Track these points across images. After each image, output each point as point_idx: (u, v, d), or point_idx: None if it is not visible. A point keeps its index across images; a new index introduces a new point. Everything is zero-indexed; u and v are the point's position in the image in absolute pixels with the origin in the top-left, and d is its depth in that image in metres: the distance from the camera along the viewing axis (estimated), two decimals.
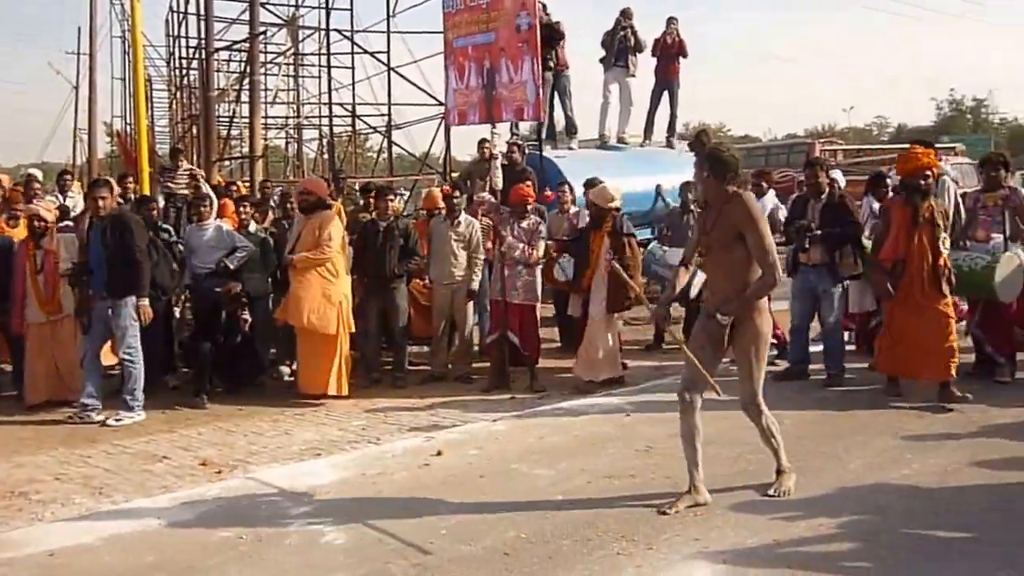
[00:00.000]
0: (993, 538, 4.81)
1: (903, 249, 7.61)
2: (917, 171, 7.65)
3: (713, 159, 5.37)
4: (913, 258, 7.57)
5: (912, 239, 7.57)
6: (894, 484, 5.74)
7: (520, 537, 4.97)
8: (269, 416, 7.96)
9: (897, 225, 7.65)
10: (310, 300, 8.39)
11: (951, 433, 6.81)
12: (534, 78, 8.67)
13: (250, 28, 15.78)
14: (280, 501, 5.70)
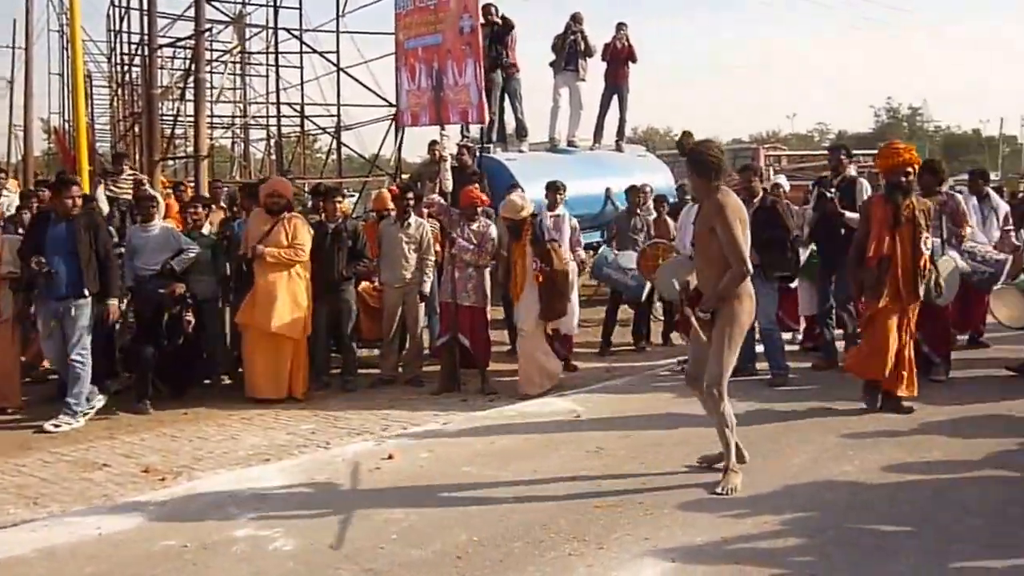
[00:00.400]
0: (932, 532, 4.91)
1: (887, 248, 7.33)
2: (897, 167, 7.44)
3: (693, 161, 5.68)
4: (895, 258, 7.32)
5: (894, 238, 7.34)
6: (837, 480, 5.83)
7: (472, 540, 4.95)
8: (215, 420, 7.84)
9: (879, 224, 7.38)
10: (279, 304, 8.40)
11: (890, 430, 6.94)
12: (477, 80, 8.68)
13: (195, 25, 15.57)
14: (226, 508, 5.58)
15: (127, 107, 24.20)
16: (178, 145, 23.39)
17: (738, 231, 5.51)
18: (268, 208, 8.72)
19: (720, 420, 5.72)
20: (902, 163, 7.43)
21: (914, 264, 7.31)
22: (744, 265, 5.51)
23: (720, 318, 5.66)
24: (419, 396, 8.72)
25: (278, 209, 8.65)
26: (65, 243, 7.68)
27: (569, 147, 14.24)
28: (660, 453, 6.34)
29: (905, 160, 7.45)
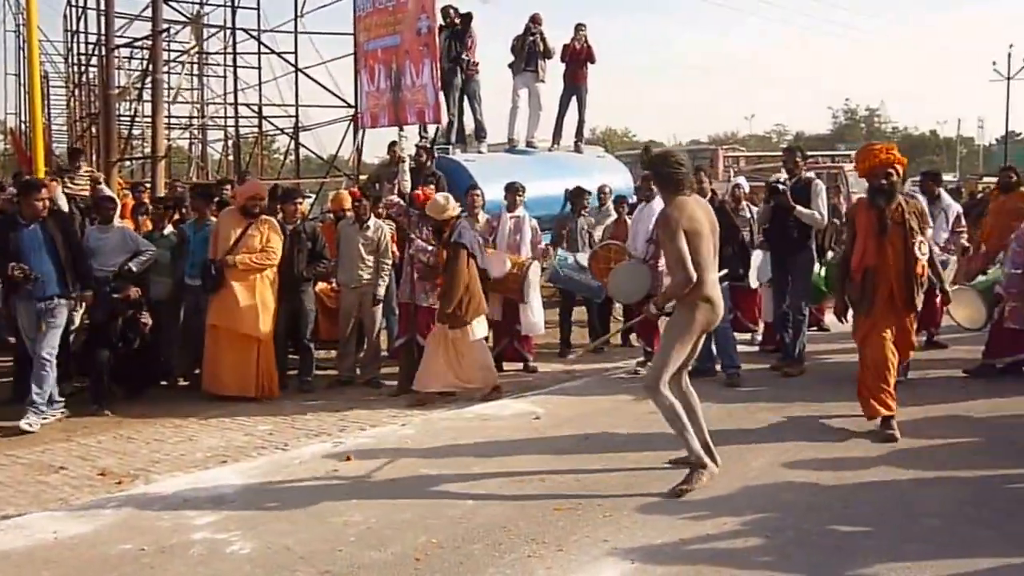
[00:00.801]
0: (890, 532, 4.96)
1: (872, 258, 6.81)
2: (877, 169, 6.90)
3: (656, 175, 6.00)
4: (884, 268, 6.78)
5: (882, 247, 6.79)
6: (796, 481, 5.88)
7: (431, 542, 4.94)
8: (172, 422, 7.76)
9: (863, 231, 6.86)
10: (248, 305, 8.42)
11: (850, 431, 7.01)
12: (433, 81, 8.67)
13: (152, 25, 15.43)
14: (184, 511, 5.53)
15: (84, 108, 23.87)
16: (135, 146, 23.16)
17: (677, 240, 5.58)
18: (247, 210, 8.68)
19: (667, 415, 5.78)
20: (880, 164, 6.86)
21: (907, 272, 6.74)
22: (684, 272, 5.57)
23: (671, 320, 5.85)
24: (377, 397, 8.68)
25: (258, 212, 8.65)
26: (43, 245, 7.63)
27: (528, 148, 14.26)
28: (620, 455, 6.36)
29: (884, 160, 6.87)
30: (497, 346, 9.77)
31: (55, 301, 7.63)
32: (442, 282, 8.41)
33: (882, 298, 6.79)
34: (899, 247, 6.75)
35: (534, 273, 9.49)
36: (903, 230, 6.75)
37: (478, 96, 13.38)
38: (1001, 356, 8.63)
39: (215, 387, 8.56)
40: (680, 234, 5.59)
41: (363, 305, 9.22)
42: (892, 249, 6.75)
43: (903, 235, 6.74)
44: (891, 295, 6.78)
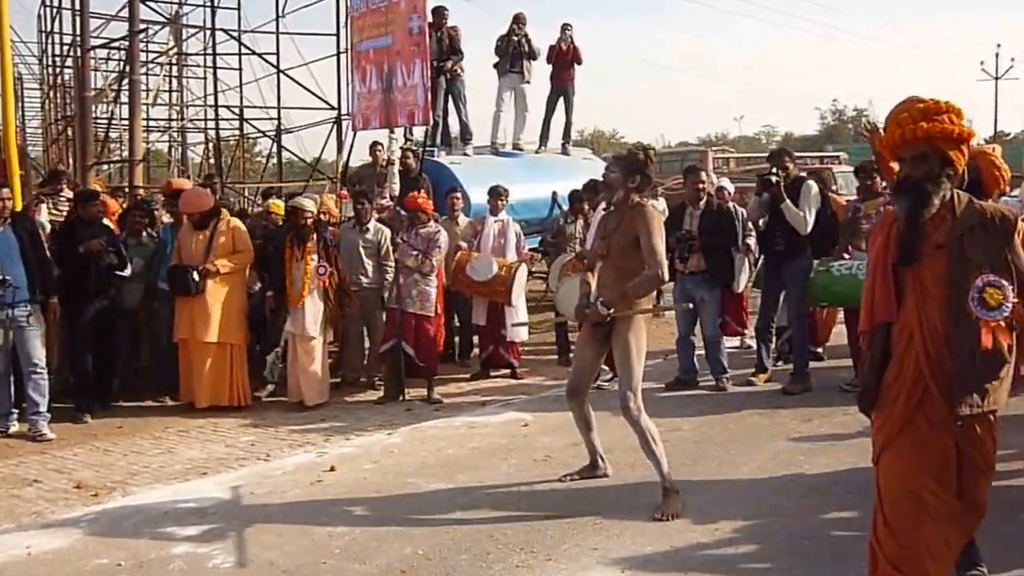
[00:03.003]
0: None
1: (886, 312, 3.72)
2: (907, 145, 3.68)
3: (632, 167, 5.71)
4: (909, 334, 3.63)
5: (907, 291, 3.66)
6: (788, 487, 5.83)
7: (417, 553, 4.87)
8: (151, 433, 7.63)
9: (874, 260, 3.82)
10: (219, 313, 8.30)
11: (840, 435, 6.95)
12: (424, 81, 8.60)
13: (130, 25, 15.23)
14: (163, 524, 5.43)
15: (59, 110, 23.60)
16: (112, 149, 22.91)
17: (660, 237, 5.55)
18: (192, 224, 8.57)
19: (641, 435, 5.57)
20: (912, 137, 3.63)
21: (961, 346, 3.50)
22: (661, 270, 5.50)
23: (616, 342, 5.64)
24: (362, 405, 8.58)
25: (201, 223, 8.49)
26: (12, 250, 7.46)
27: (515, 150, 14.17)
28: (609, 462, 6.27)
29: (919, 132, 3.61)
30: (483, 352, 9.67)
31: (25, 308, 7.45)
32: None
33: (906, 398, 3.60)
34: (942, 295, 3.55)
35: (521, 276, 9.38)
36: (954, 263, 3.53)
37: (463, 97, 13.28)
38: None
39: (190, 397, 8.42)
40: (662, 230, 5.56)
41: (365, 309, 9.11)
42: (927, 298, 3.59)
43: (954, 272, 3.53)
44: (925, 390, 3.56)
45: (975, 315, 3.41)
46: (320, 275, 8.35)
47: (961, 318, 3.46)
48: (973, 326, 3.44)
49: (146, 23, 18.71)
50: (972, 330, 3.45)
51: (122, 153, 21.46)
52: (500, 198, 9.79)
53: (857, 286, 7.64)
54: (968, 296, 3.41)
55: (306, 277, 8.30)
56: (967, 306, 3.42)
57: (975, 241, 3.52)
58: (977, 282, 3.41)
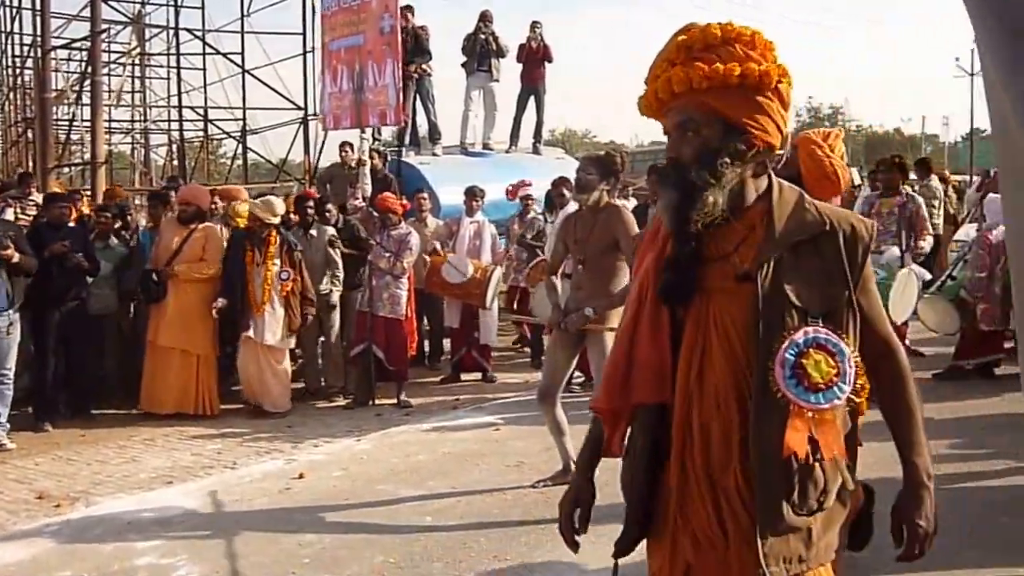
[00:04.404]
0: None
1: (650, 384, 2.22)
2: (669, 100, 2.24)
3: (608, 169, 5.69)
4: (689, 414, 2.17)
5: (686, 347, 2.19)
6: None
7: (388, 562, 4.81)
8: (115, 442, 7.49)
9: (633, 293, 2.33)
10: (189, 321, 8.19)
11: None
12: (395, 81, 8.53)
13: (91, 25, 15.07)
14: (127, 535, 5.32)
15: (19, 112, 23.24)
16: (74, 151, 22.60)
17: None
18: (178, 217, 8.46)
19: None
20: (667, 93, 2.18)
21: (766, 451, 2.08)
22: None
23: (595, 334, 5.65)
24: (331, 411, 8.49)
25: (187, 218, 8.37)
26: None
27: (484, 150, 14.12)
28: None
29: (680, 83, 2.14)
30: (455, 354, 9.59)
31: (8, 317, 7.28)
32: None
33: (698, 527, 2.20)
34: (737, 357, 2.14)
35: (497, 279, 9.29)
36: (762, 303, 2.11)
37: (431, 97, 13.21)
38: (970, 358, 8.59)
39: (154, 405, 8.27)
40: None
41: (320, 313, 8.98)
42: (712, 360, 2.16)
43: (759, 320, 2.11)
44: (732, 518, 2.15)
45: (784, 396, 2.05)
46: (282, 280, 8.21)
47: (764, 400, 2.07)
48: (780, 415, 2.06)
49: (108, 23, 18.53)
50: (777, 423, 2.06)
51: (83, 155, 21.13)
52: (476, 199, 9.71)
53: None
54: (777, 361, 2.05)
55: (266, 283, 8.15)
56: (773, 380, 2.05)
57: (801, 268, 2.13)
58: (796, 338, 2.06)
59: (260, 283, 8.15)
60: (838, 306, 2.15)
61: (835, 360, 2.09)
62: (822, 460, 2.10)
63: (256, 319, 8.18)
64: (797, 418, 2.06)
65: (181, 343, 8.18)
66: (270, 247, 8.22)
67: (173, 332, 8.16)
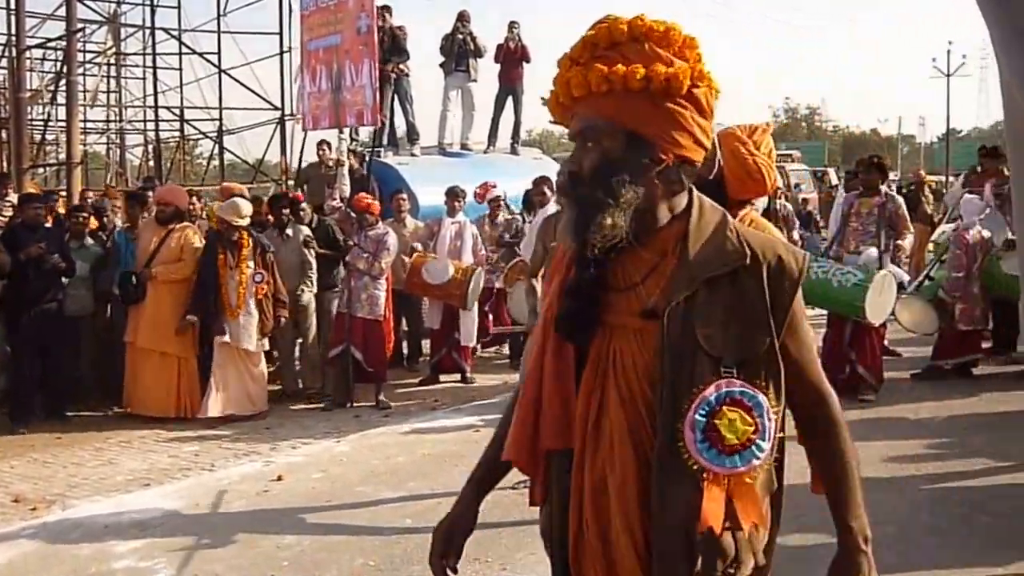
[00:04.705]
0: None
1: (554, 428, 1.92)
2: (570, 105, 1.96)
3: None
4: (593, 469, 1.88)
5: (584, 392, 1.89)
6: None
7: (368, 565, 4.79)
8: (91, 444, 7.44)
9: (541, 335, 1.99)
10: (169, 322, 8.10)
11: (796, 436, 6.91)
12: (372, 81, 8.51)
13: (67, 25, 14.92)
14: (104, 538, 5.28)
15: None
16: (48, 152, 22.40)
17: None
18: (156, 217, 8.42)
19: None
20: (567, 97, 1.92)
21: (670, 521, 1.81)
22: None
23: None
24: (309, 413, 8.44)
25: (165, 218, 8.32)
26: None
27: (463, 150, 14.09)
28: None
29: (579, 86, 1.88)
30: (434, 355, 9.56)
31: None
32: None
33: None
34: (639, 410, 1.84)
35: (478, 280, 9.25)
36: (669, 349, 1.81)
37: (409, 97, 13.17)
38: (949, 358, 8.65)
39: (135, 407, 8.21)
40: None
41: (295, 314, 8.94)
42: (609, 411, 1.86)
43: (665, 368, 1.81)
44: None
45: (694, 460, 1.77)
46: (256, 283, 8.13)
47: (671, 463, 1.79)
48: (691, 481, 1.78)
49: (84, 22, 18.37)
50: (686, 490, 1.79)
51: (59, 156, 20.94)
52: (457, 199, 9.68)
53: (825, 295, 7.60)
54: (687, 424, 1.77)
55: (242, 287, 8.07)
56: (684, 446, 1.78)
57: (716, 308, 1.83)
58: (708, 395, 1.78)
59: (235, 286, 8.07)
60: (758, 353, 1.84)
61: (752, 415, 1.80)
62: (736, 530, 1.82)
63: (231, 323, 8.10)
64: (713, 485, 1.78)
65: (160, 345, 8.11)
66: (243, 249, 8.14)
67: (151, 334, 8.09)
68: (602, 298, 1.88)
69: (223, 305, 8.07)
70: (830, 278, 7.61)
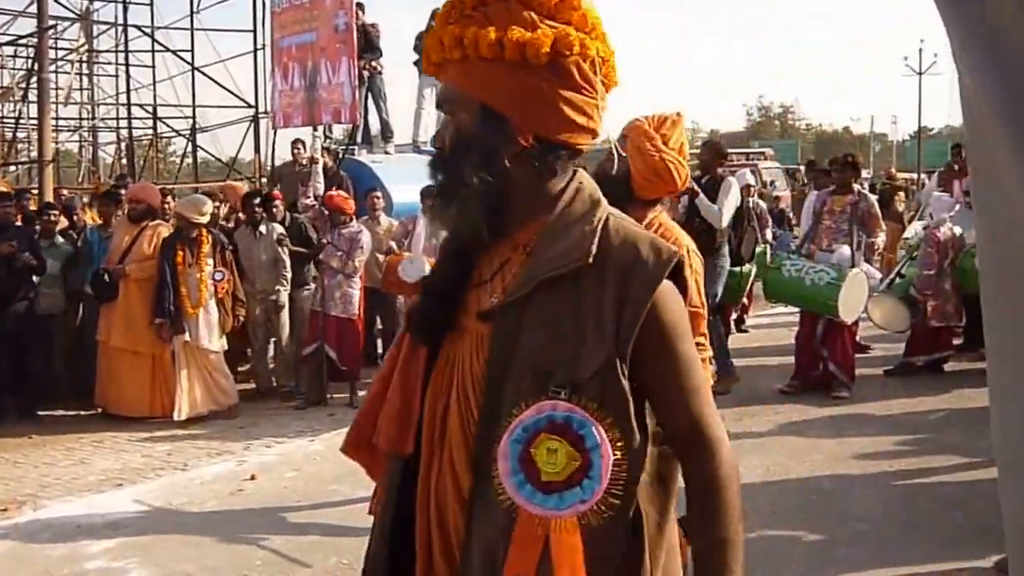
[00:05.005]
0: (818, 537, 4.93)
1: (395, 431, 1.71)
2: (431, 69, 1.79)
3: None
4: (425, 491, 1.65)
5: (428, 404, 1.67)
6: None
7: (342, 563, 4.76)
8: (63, 444, 7.37)
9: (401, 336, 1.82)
10: (142, 321, 8.02)
11: (771, 433, 6.99)
12: (351, 79, 8.46)
13: (38, 21, 14.76)
14: (76, 539, 5.24)
15: None
16: (20, 149, 22.23)
17: None
18: (128, 215, 8.35)
19: None
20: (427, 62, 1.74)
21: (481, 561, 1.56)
22: None
23: None
24: (283, 411, 8.40)
25: (137, 216, 8.24)
26: None
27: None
28: None
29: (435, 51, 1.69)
30: None
31: None
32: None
33: None
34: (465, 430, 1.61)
35: None
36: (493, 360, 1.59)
37: (383, 95, 13.13)
38: (921, 355, 8.70)
39: (108, 406, 8.14)
40: None
41: (267, 314, 8.88)
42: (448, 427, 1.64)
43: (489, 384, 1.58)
44: None
45: (506, 494, 1.49)
46: (216, 281, 8.05)
47: (485, 494, 1.55)
48: (505, 520, 1.52)
49: (55, 19, 18.21)
50: (493, 529, 1.55)
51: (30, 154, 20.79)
52: None
53: (797, 293, 7.63)
54: (500, 452, 1.50)
55: (202, 284, 7.98)
56: (497, 476, 1.50)
57: (551, 315, 1.56)
58: (526, 418, 1.48)
59: (195, 284, 7.97)
60: (598, 372, 1.51)
61: (579, 448, 1.46)
62: None
63: (190, 322, 8.01)
64: (527, 529, 1.49)
65: (132, 344, 8.04)
66: (202, 247, 8.05)
67: (124, 332, 8.02)
68: (460, 296, 1.67)
69: (182, 304, 7.95)
70: (803, 276, 7.67)
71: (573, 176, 1.66)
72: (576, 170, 1.67)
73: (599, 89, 1.64)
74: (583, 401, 1.48)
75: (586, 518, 1.47)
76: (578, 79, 1.60)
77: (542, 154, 1.61)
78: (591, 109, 1.63)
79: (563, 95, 1.59)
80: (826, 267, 7.70)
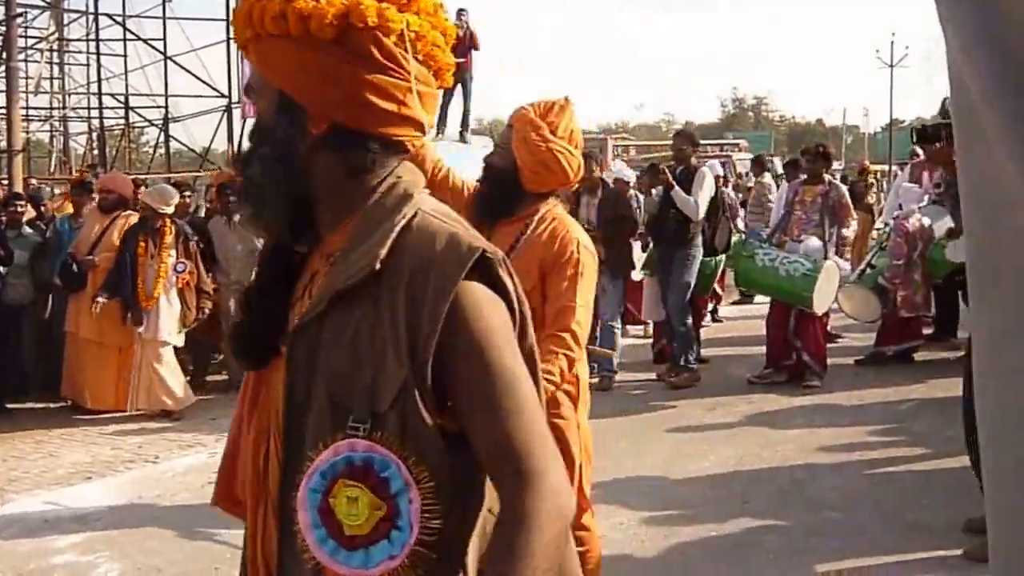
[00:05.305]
0: (791, 526, 4.93)
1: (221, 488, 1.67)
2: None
3: None
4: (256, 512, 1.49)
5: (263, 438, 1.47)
6: (693, 477, 5.82)
7: None
8: (32, 437, 7.27)
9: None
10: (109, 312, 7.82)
11: (743, 424, 7.01)
12: None
13: (6, 9, 14.65)
14: (44, 533, 5.18)
15: None
16: None
17: None
18: (99, 205, 8.26)
19: None
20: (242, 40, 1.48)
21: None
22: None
23: None
24: None
25: (108, 206, 8.15)
26: None
27: None
28: None
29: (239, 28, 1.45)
30: None
31: None
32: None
33: None
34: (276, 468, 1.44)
35: None
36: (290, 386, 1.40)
37: None
38: (891, 344, 8.75)
39: (77, 398, 8.03)
40: None
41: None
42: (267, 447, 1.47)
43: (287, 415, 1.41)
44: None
45: (309, 552, 1.32)
46: (178, 272, 7.89)
47: (291, 552, 1.40)
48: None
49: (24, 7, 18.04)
50: None
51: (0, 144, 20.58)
52: None
53: (771, 283, 7.67)
54: (299, 502, 1.32)
55: (161, 275, 7.79)
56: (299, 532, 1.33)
57: (346, 336, 1.35)
58: (322, 463, 1.30)
59: (153, 275, 7.79)
60: (397, 398, 1.30)
61: (383, 495, 1.27)
62: None
63: (149, 314, 7.82)
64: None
65: (100, 335, 7.91)
66: (165, 238, 7.89)
67: (93, 324, 7.89)
68: (285, 313, 1.46)
69: (140, 295, 7.77)
70: (777, 266, 7.71)
71: (392, 172, 1.44)
72: (399, 164, 1.46)
73: (413, 70, 1.40)
74: (384, 436, 1.28)
75: (406, 571, 1.27)
76: (379, 58, 1.38)
77: (344, 146, 1.40)
78: (402, 94, 1.40)
79: (362, 77, 1.37)
80: (800, 258, 7.75)
